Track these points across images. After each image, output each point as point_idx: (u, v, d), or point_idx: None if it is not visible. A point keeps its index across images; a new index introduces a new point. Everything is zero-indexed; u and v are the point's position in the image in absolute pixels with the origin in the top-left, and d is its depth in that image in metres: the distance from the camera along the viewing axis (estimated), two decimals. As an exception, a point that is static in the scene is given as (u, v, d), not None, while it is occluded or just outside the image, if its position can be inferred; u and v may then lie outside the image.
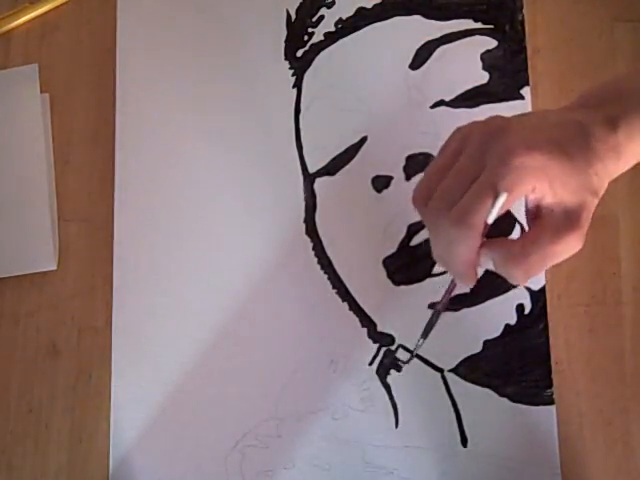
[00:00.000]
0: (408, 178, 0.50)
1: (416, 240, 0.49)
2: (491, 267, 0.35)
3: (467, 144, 0.35)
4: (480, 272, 0.36)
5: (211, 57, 0.54)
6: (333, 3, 0.53)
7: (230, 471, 0.47)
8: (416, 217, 0.49)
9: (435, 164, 0.37)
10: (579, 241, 0.34)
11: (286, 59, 0.53)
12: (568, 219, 0.33)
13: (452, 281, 0.39)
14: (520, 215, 0.40)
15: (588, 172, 0.33)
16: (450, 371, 0.47)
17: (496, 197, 0.32)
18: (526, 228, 0.36)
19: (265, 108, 0.52)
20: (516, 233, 0.47)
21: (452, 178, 0.35)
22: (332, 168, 0.51)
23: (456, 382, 0.47)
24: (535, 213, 0.34)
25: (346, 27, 0.53)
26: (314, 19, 0.53)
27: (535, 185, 0.32)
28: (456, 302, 0.47)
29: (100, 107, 0.54)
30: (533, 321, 0.47)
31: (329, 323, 0.49)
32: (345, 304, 0.49)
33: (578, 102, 0.36)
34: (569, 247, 0.34)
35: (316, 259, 0.50)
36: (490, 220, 0.33)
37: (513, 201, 0.33)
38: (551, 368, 0.46)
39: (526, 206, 0.35)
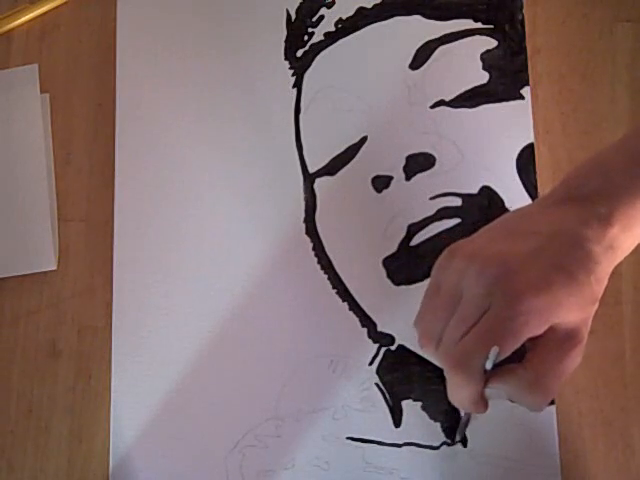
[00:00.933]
0: (408, 178, 0.50)
1: (416, 240, 0.49)
2: (502, 398, 0.34)
3: (467, 285, 0.34)
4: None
5: (211, 57, 0.54)
6: (333, 3, 0.53)
7: (230, 471, 0.47)
8: (416, 217, 0.49)
9: (433, 303, 0.36)
10: (582, 353, 0.33)
11: (286, 59, 0.53)
12: (572, 336, 0.33)
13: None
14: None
15: (590, 283, 0.32)
16: (450, 371, 0.47)
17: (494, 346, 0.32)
18: None
19: (265, 108, 0.52)
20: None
21: (456, 326, 0.34)
22: (332, 168, 0.51)
23: (456, 382, 0.47)
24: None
25: (346, 27, 0.53)
26: (314, 19, 0.53)
27: (543, 325, 0.32)
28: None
29: (100, 107, 0.54)
30: (533, 321, 0.47)
31: (329, 323, 0.49)
32: (345, 304, 0.49)
33: (565, 190, 0.35)
34: (575, 362, 0.33)
35: (316, 259, 0.50)
36: (488, 366, 0.33)
37: (519, 344, 0.32)
38: (551, 368, 0.46)
39: None
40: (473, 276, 0.33)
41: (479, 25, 0.51)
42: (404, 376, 0.47)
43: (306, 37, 0.53)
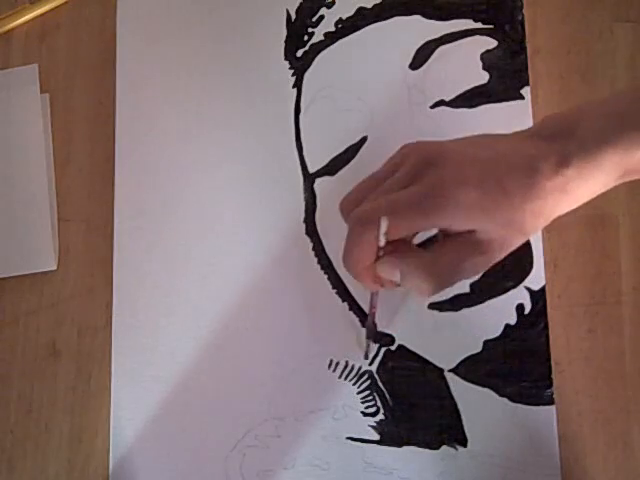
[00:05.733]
0: (408, 178, 0.50)
1: (416, 240, 0.49)
2: (395, 278, 0.35)
3: (404, 164, 0.35)
4: (391, 282, 0.36)
5: (211, 57, 0.54)
6: (333, 3, 0.53)
7: (230, 471, 0.47)
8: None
9: (369, 177, 0.37)
10: (487, 265, 0.34)
11: (286, 59, 0.53)
12: (482, 245, 0.33)
13: (371, 294, 0.41)
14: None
15: (523, 210, 0.32)
16: (450, 371, 0.47)
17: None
18: None
19: (265, 108, 0.52)
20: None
21: (379, 192, 0.34)
22: (332, 168, 0.51)
23: (456, 382, 0.47)
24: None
25: (346, 27, 0.53)
26: (314, 19, 0.53)
27: (458, 219, 0.32)
28: (456, 302, 0.47)
29: (100, 107, 0.54)
30: (533, 321, 0.47)
31: (329, 323, 0.49)
32: (345, 304, 0.49)
33: (538, 128, 0.35)
34: (474, 269, 0.34)
35: (316, 259, 0.50)
36: (381, 243, 0.33)
37: (426, 226, 0.33)
38: (551, 368, 0.46)
39: None
40: (413, 155, 0.34)
41: (479, 25, 0.51)
42: (404, 376, 0.47)
43: (306, 37, 0.53)
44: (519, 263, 0.47)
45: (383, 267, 0.35)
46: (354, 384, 0.48)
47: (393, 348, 0.48)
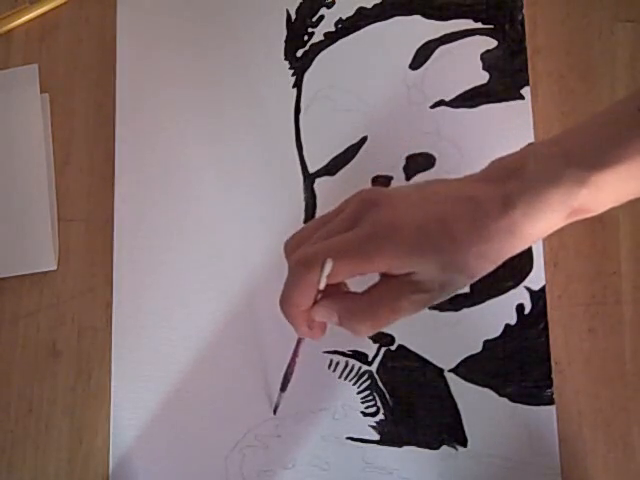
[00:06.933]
0: (408, 178, 0.50)
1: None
2: (333, 321, 0.35)
3: (347, 208, 0.35)
4: (322, 330, 0.37)
5: (211, 57, 0.54)
6: (333, 3, 0.53)
7: (230, 471, 0.47)
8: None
9: (316, 219, 0.37)
10: (428, 303, 0.33)
11: (286, 59, 0.53)
12: (423, 285, 0.33)
13: (297, 341, 0.41)
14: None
15: (468, 252, 0.32)
16: (450, 371, 0.47)
17: (324, 263, 0.32)
18: None
19: (265, 108, 0.52)
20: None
21: (320, 235, 0.34)
22: (332, 168, 0.51)
23: (456, 382, 0.47)
24: None
25: (346, 27, 0.53)
26: (314, 19, 0.53)
27: (397, 262, 0.32)
28: (456, 302, 0.47)
29: (100, 107, 0.54)
30: (533, 321, 0.47)
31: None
32: (345, 304, 0.49)
33: (485, 171, 0.35)
34: (410, 307, 0.33)
35: (316, 259, 0.50)
36: (321, 287, 0.33)
37: (367, 269, 0.33)
38: (551, 368, 0.46)
39: None
40: (357, 198, 0.34)
41: (479, 25, 0.51)
42: (404, 376, 0.47)
43: (306, 37, 0.53)
44: (519, 263, 0.47)
45: (320, 311, 0.35)
46: (354, 384, 0.48)
47: (393, 348, 0.48)
